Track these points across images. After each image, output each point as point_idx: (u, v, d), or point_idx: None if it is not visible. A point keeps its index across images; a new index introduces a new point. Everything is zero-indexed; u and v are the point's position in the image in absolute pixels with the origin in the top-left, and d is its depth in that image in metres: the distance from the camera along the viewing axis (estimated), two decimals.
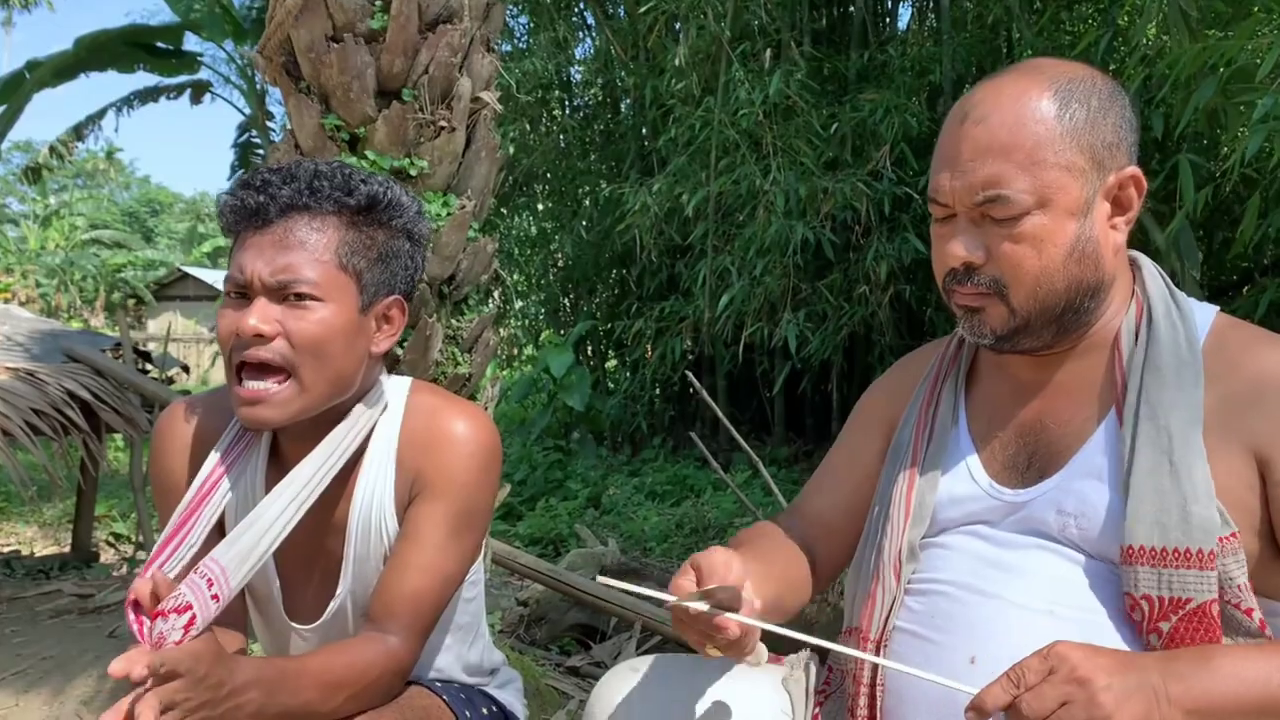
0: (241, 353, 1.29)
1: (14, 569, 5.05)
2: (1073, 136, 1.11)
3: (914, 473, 1.28)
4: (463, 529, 1.39)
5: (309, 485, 1.35)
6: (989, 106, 1.14)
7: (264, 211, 1.31)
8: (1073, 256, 1.13)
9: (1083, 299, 1.16)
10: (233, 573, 1.28)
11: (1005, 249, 1.13)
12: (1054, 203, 1.11)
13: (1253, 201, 3.54)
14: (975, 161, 1.13)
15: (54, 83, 10.92)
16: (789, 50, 6.21)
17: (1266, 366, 1.12)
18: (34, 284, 24.75)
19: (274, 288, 1.29)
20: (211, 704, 1.11)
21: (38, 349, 4.82)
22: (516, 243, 9.43)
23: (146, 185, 47.95)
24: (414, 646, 1.37)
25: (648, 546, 5.41)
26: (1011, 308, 1.16)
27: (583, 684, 3.13)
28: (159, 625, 1.14)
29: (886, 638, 1.22)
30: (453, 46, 2.32)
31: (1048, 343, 1.19)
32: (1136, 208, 1.16)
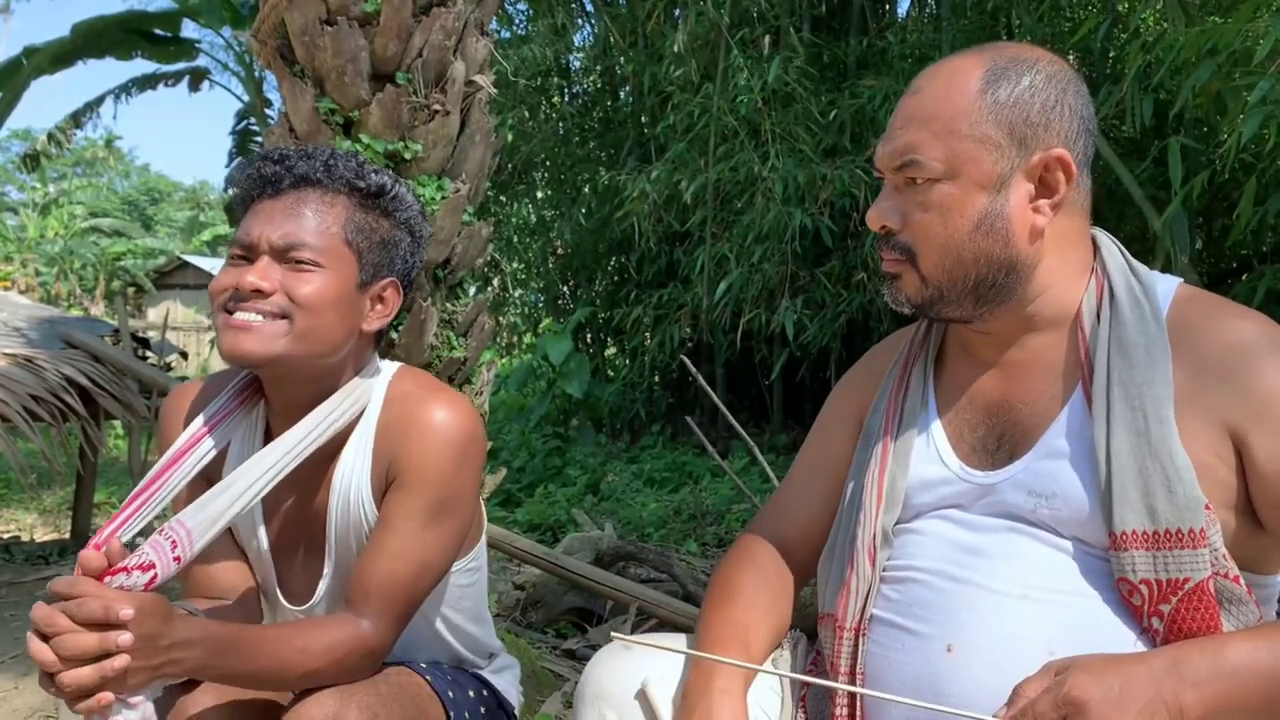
0: (238, 306, 1.32)
1: (13, 554, 5.06)
2: (992, 111, 1.13)
3: (885, 458, 1.28)
4: (438, 517, 1.40)
5: (287, 456, 1.36)
6: (926, 80, 1.19)
7: (278, 180, 1.37)
8: (980, 229, 1.14)
9: (994, 273, 1.16)
10: (198, 536, 1.29)
11: (916, 216, 1.17)
12: (964, 174, 1.14)
13: (1249, 186, 3.54)
14: (900, 129, 1.18)
15: (52, 70, 10.88)
16: (788, 37, 6.19)
17: (1234, 338, 1.12)
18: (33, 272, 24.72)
19: (280, 249, 1.33)
20: (144, 653, 1.13)
21: (36, 335, 4.82)
22: (515, 230, 9.42)
23: (146, 173, 47.86)
24: (386, 630, 1.37)
25: (645, 533, 5.42)
26: (922, 275, 1.19)
27: (579, 667, 3.15)
28: (119, 579, 1.17)
29: (865, 626, 1.22)
30: (446, 29, 2.32)
31: (970, 313, 1.20)
32: (1064, 191, 1.15)
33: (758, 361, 7.53)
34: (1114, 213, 6.02)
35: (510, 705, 1.63)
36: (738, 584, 1.36)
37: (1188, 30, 3.52)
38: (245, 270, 1.33)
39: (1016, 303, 1.19)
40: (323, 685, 1.30)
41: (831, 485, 1.39)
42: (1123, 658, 1.01)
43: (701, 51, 6.32)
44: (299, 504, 1.46)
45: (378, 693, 1.34)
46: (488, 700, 1.57)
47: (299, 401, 1.41)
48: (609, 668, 1.30)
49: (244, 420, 1.46)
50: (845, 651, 1.23)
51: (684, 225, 6.76)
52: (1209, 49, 3.43)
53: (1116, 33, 5.38)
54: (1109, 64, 5.98)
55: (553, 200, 9.37)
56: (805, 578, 1.40)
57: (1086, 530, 1.12)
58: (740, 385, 8.20)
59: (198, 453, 1.38)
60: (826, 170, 5.68)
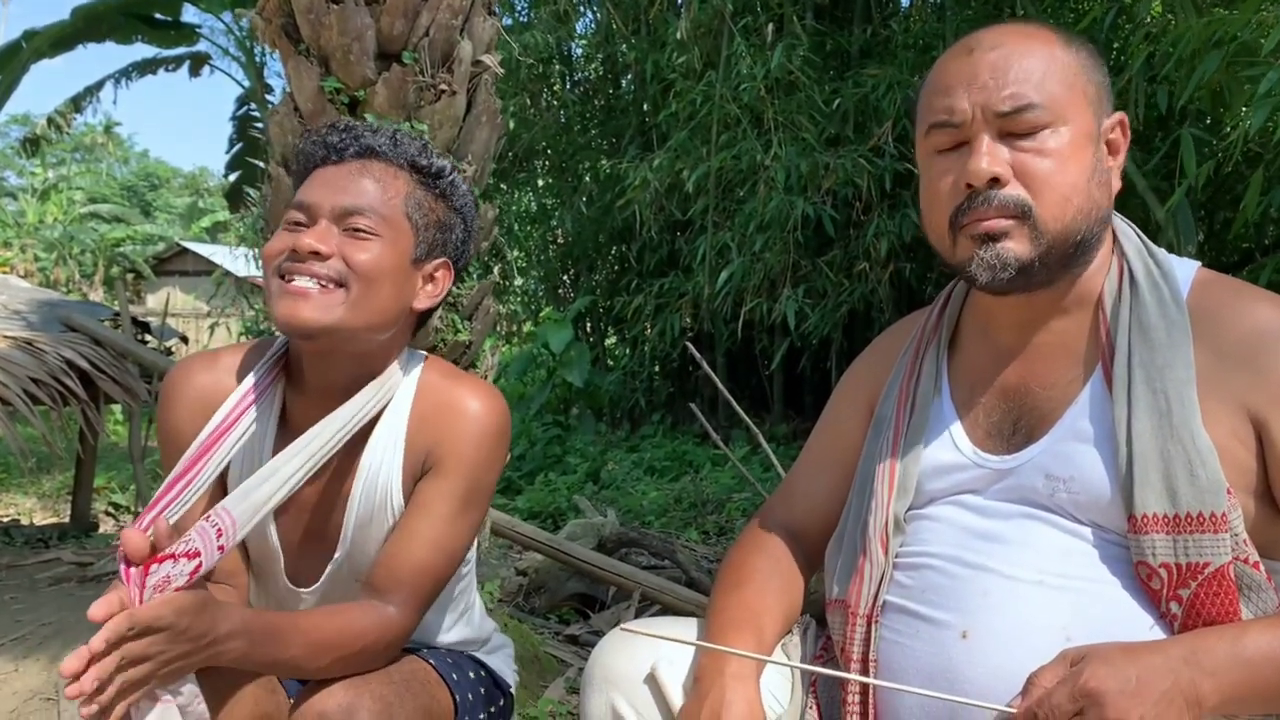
0: (294, 267, 1.31)
1: (13, 537, 5.06)
2: (1083, 70, 1.15)
3: (897, 444, 1.27)
4: (469, 505, 1.41)
5: (327, 445, 1.36)
6: (1000, 38, 1.16)
7: (343, 148, 1.37)
8: (1094, 179, 1.13)
9: (1097, 229, 1.15)
10: (241, 525, 1.29)
11: (1032, 164, 1.12)
12: (1074, 123, 1.13)
13: (1255, 177, 3.53)
14: (997, 78, 1.13)
15: (51, 54, 10.83)
16: (791, 25, 6.16)
17: (1256, 323, 1.11)
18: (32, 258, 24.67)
19: (340, 214, 1.33)
20: (190, 653, 1.14)
21: (36, 318, 4.81)
22: (516, 219, 9.40)
23: (145, 159, 47.72)
24: (412, 617, 1.37)
25: (646, 520, 5.42)
26: (1038, 229, 1.11)
27: (582, 653, 3.15)
28: (165, 568, 1.15)
29: (877, 613, 1.22)
30: (453, 8, 2.30)
31: (1055, 279, 1.16)
32: (1123, 153, 1.18)
33: (758, 351, 7.54)
34: (1116, 203, 6.00)
35: (506, 684, 1.63)
36: (750, 568, 1.36)
37: (1195, 21, 3.50)
38: (303, 233, 1.31)
39: (1073, 275, 1.18)
40: (347, 673, 1.30)
41: (842, 471, 1.38)
42: (1139, 647, 1.00)
43: (704, 39, 6.29)
44: (314, 488, 1.44)
45: (390, 682, 1.34)
46: (485, 681, 1.57)
47: (336, 383, 1.39)
48: (617, 652, 1.29)
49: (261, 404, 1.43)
50: (858, 638, 1.22)
51: (685, 214, 6.75)
52: (1214, 41, 3.41)
53: (1120, 24, 5.36)
54: (1113, 55, 5.96)
55: (554, 188, 9.36)
56: (816, 563, 1.39)
57: (1105, 514, 1.11)
58: (741, 375, 8.20)
59: (235, 433, 1.36)
60: (829, 159, 5.66)
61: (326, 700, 1.26)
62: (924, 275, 6.36)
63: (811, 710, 1.27)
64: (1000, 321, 1.25)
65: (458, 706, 1.46)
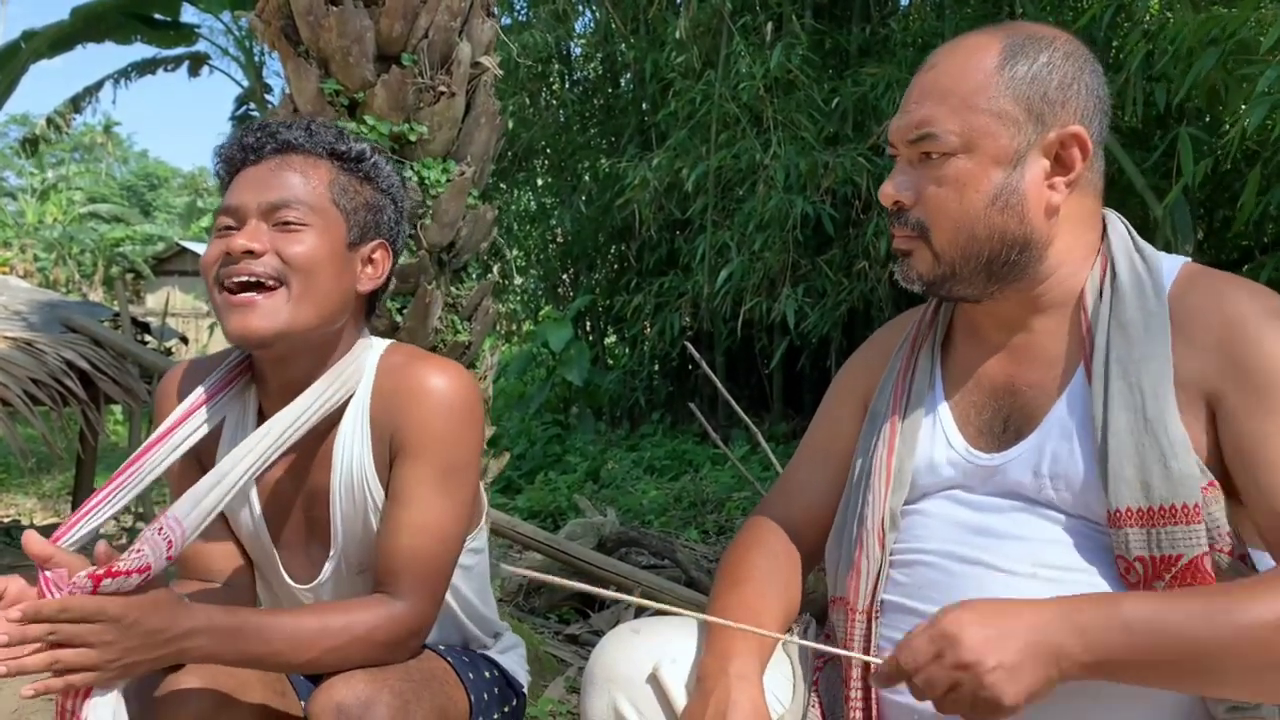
0: (231, 271, 1.30)
1: (14, 538, 5.06)
2: (1010, 86, 1.13)
3: (893, 439, 1.28)
4: (449, 484, 1.38)
5: (280, 438, 1.35)
6: (943, 55, 1.19)
7: (260, 148, 1.36)
8: (995, 205, 1.13)
9: (1008, 250, 1.15)
10: (190, 531, 1.29)
11: (930, 191, 1.16)
12: (980, 148, 1.13)
13: (1253, 175, 3.53)
14: (916, 103, 1.17)
15: (50, 54, 10.83)
16: (790, 24, 6.16)
17: (1228, 309, 1.11)
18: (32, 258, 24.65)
19: (267, 210, 1.32)
20: (142, 648, 1.13)
21: (36, 319, 4.81)
22: (516, 218, 9.41)
23: (144, 159, 47.71)
24: (424, 608, 1.36)
25: (646, 520, 5.43)
26: (935, 251, 1.17)
27: (582, 652, 3.16)
28: (116, 582, 1.14)
29: (876, 608, 1.22)
30: (452, 10, 2.31)
31: (981, 292, 1.19)
32: (1079, 169, 1.14)
33: (758, 350, 7.54)
34: (1115, 201, 5.97)
35: (519, 683, 1.63)
36: (749, 566, 1.36)
37: (1192, 18, 3.51)
38: (234, 235, 1.31)
39: (1028, 282, 1.18)
40: (353, 665, 1.29)
41: (838, 465, 1.38)
42: (1014, 602, 1.02)
43: (703, 38, 6.30)
44: (296, 483, 1.45)
45: (410, 678, 1.33)
46: (498, 680, 1.57)
47: (295, 379, 1.39)
48: (619, 650, 1.29)
49: (236, 402, 1.44)
50: (858, 634, 1.22)
51: (685, 213, 6.75)
52: (1211, 38, 3.42)
53: (1119, 20, 5.36)
54: (1111, 53, 5.96)
55: (553, 188, 9.36)
56: (814, 559, 1.39)
57: (1090, 508, 1.12)
58: (740, 374, 8.20)
59: (183, 432, 1.37)
60: (828, 158, 5.67)
61: (345, 692, 1.25)
62: None
63: (814, 709, 1.27)
64: (984, 321, 1.26)
65: (473, 706, 1.46)
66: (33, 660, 1.08)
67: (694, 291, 6.75)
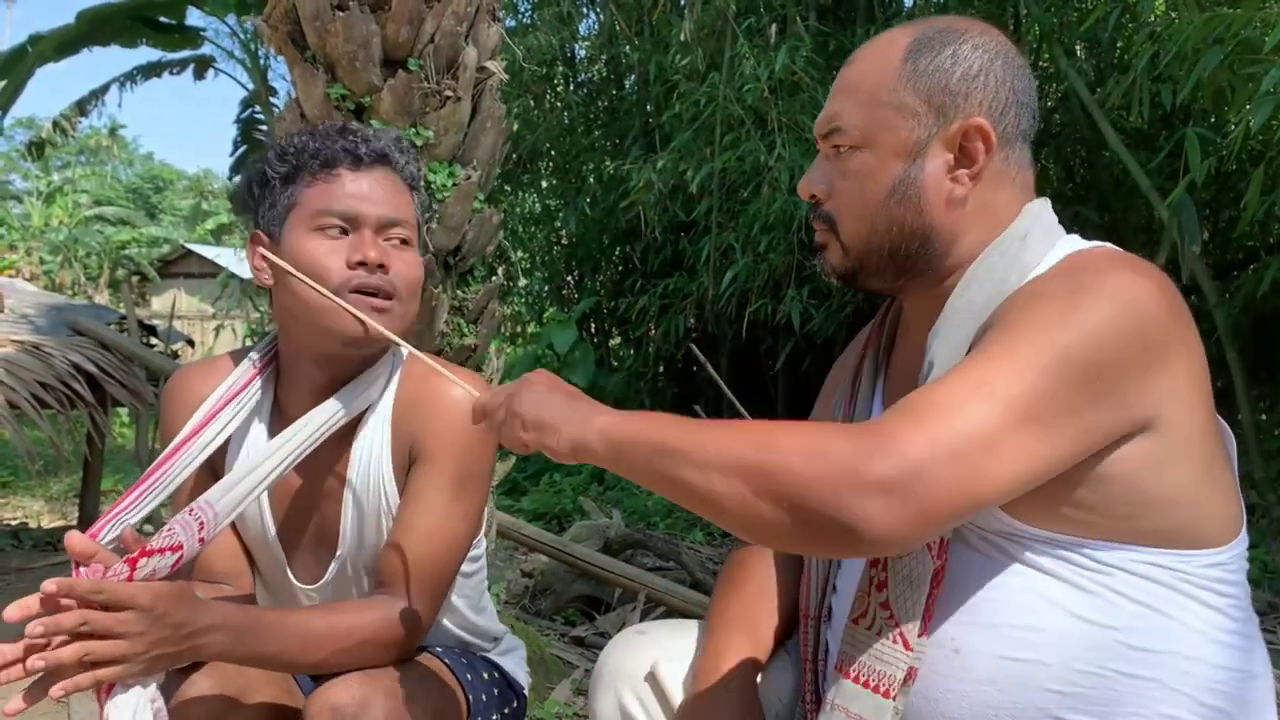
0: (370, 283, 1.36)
1: (22, 540, 5.09)
2: (910, 79, 1.13)
3: None
4: (463, 491, 1.42)
5: (311, 437, 1.38)
6: (860, 50, 1.20)
7: (357, 149, 1.39)
8: (893, 197, 1.13)
9: (908, 243, 1.14)
10: (223, 517, 1.31)
11: (837, 184, 1.18)
12: (880, 141, 1.13)
13: (1256, 175, 3.53)
14: (831, 99, 1.19)
15: (56, 57, 10.85)
16: (795, 25, 6.16)
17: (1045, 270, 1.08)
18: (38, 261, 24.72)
19: (382, 225, 1.38)
20: (168, 641, 1.15)
21: (43, 322, 4.83)
22: (520, 220, 9.42)
23: (150, 162, 47.80)
24: (425, 610, 1.38)
25: (651, 522, 5.43)
26: (843, 245, 1.18)
27: (587, 654, 3.16)
28: (152, 562, 1.17)
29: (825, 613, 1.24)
30: (458, 15, 2.32)
31: (892, 285, 1.20)
32: (982, 161, 1.12)
33: (763, 352, 7.53)
34: (1121, 203, 6.00)
35: (519, 685, 1.64)
36: (749, 568, 1.37)
37: (1196, 18, 3.51)
38: (367, 245, 1.36)
39: (935, 276, 1.17)
40: (353, 667, 1.31)
41: None
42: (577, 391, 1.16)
43: (708, 40, 6.30)
44: (310, 484, 1.47)
45: (405, 679, 1.35)
46: (498, 681, 1.58)
47: (337, 379, 1.42)
48: (626, 651, 1.31)
49: (251, 404, 1.46)
50: (810, 639, 1.24)
51: (689, 215, 6.75)
52: (1215, 38, 3.42)
53: (1124, 21, 5.36)
54: (1116, 54, 5.96)
55: (558, 190, 9.36)
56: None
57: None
58: (745, 376, 8.19)
59: (202, 439, 1.39)
60: None
61: (341, 693, 1.27)
62: None
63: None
64: (911, 318, 1.26)
65: (470, 707, 1.47)
66: (67, 652, 1.08)
67: (699, 293, 6.75)
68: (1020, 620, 1.02)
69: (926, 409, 0.95)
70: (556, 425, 1.09)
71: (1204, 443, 1.04)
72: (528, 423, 1.11)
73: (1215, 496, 1.05)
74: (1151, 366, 0.98)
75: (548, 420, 1.10)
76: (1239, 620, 1.06)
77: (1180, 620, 1.02)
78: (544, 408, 1.11)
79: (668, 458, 1.01)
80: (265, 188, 1.41)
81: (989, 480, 0.93)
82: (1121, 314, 0.98)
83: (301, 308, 1.37)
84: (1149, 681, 1.00)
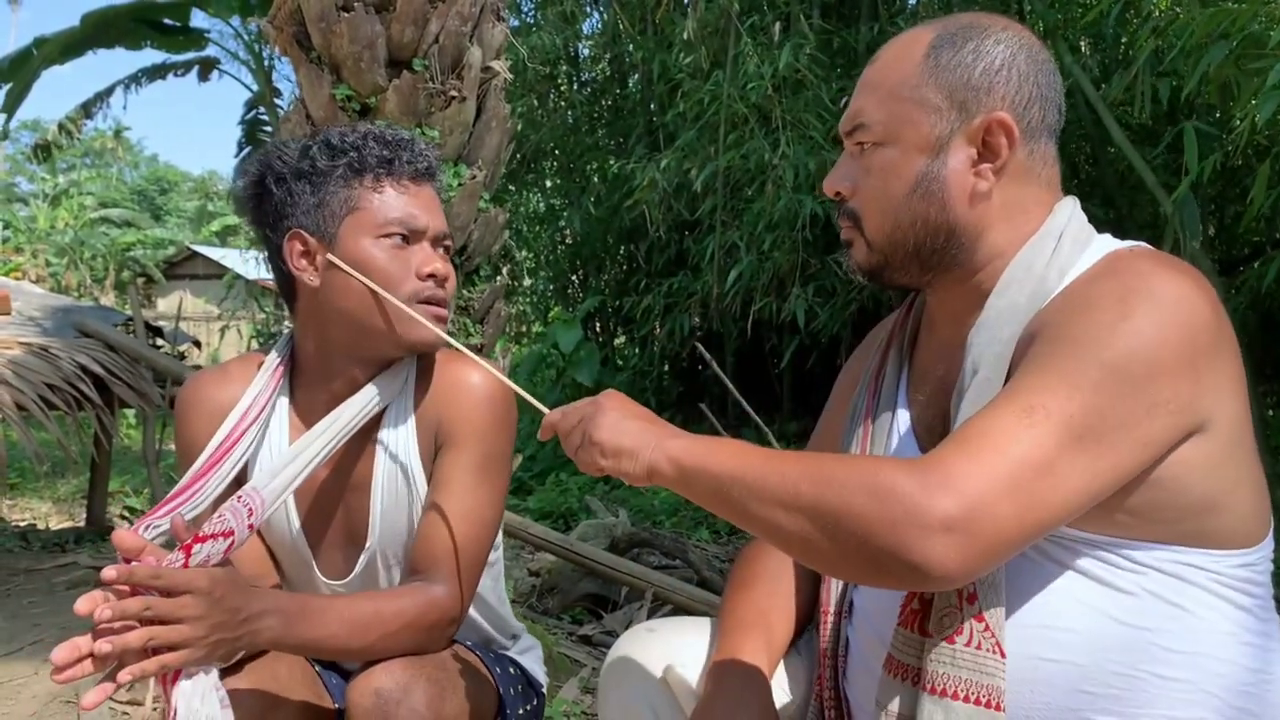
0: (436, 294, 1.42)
1: (30, 542, 5.10)
2: (932, 75, 1.13)
3: (865, 441, 1.26)
4: (488, 473, 1.45)
5: (348, 425, 1.40)
6: (884, 48, 1.20)
7: (418, 163, 1.44)
8: (916, 193, 1.13)
9: (932, 238, 1.14)
10: (270, 503, 1.32)
11: (861, 181, 1.17)
12: (903, 137, 1.13)
13: (1262, 170, 3.52)
14: (855, 96, 1.19)
15: (61, 60, 10.88)
16: (798, 23, 6.16)
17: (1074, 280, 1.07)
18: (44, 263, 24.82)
19: (440, 238, 1.45)
20: (227, 625, 1.16)
21: (50, 324, 4.85)
22: (525, 220, 9.43)
23: (155, 164, 47.96)
24: (461, 592, 1.40)
25: (657, 520, 5.44)
26: (867, 240, 1.18)
27: (595, 653, 3.17)
28: (206, 548, 1.18)
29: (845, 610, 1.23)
30: (463, 15, 2.32)
31: (919, 280, 1.19)
32: (1005, 156, 1.11)
33: (768, 350, 7.54)
34: (1126, 199, 6.00)
35: (539, 683, 1.65)
36: (760, 566, 1.36)
37: (1200, 13, 3.50)
38: (433, 256, 1.43)
39: (962, 271, 1.16)
40: (397, 653, 1.32)
41: None
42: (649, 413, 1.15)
43: (711, 38, 6.30)
44: (334, 480, 1.48)
45: (445, 667, 1.36)
46: (520, 679, 1.59)
47: (360, 378, 1.45)
48: (635, 649, 1.30)
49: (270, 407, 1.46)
50: (829, 634, 1.24)
51: (694, 213, 6.75)
52: (1220, 32, 3.41)
53: (1128, 16, 5.35)
54: (1120, 49, 5.95)
55: (562, 189, 9.36)
56: None
57: None
58: (750, 374, 8.19)
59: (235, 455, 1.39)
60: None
61: (384, 678, 1.28)
62: None
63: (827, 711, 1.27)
64: (937, 314, 1.25)
65: (502, 700, 1.48)
66: (133, 636, 1.10)
67: (703, 292, 6.75)
68: (1055, 621, 1.02)
69: (980, 440, 0.94)
70: (635, 451, 1.09)
71: (1244, 440, 1.04)
72: (607, 450, 1.11)
73: (1250, 496, 1.05)
74: (1203, 370, 0.98)
75: (626, 447, 1.09)
76: (1265, 621, 1.05)
77: (1210, 621, 1.01)
78: (622, 434, 1.10)
79: (733, 489, 1.01)
80: (308, 181, 1.40)
81: (1050, 507, 0.93)
82: (1171, 321, 0.97)
83: (364, 310, 1.39)
84: (1180, 683, 1.00)
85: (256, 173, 1.44)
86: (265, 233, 1.45)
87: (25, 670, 3.08)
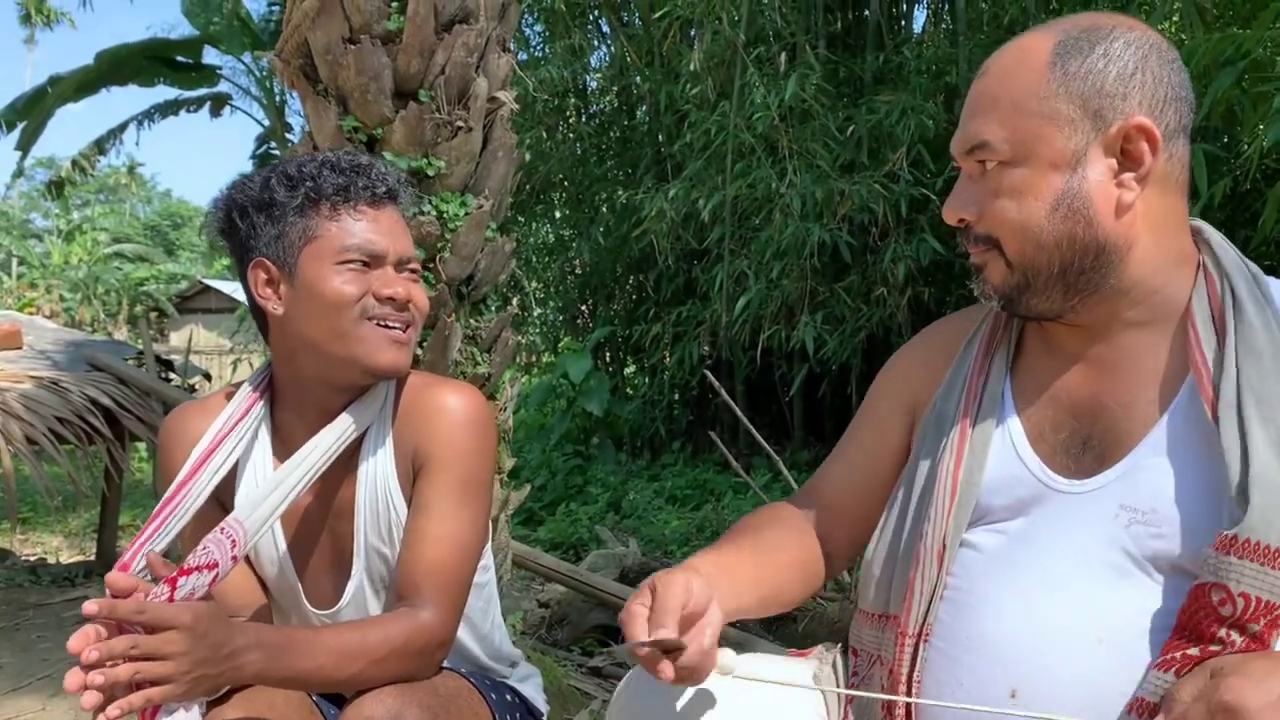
0: (396, 316, 1.41)
1: (40, 576, 5.09)
2: (1062, 85, 1.06)
3: (961, 449, 1.18)
4: (467, 497, 1.43)
5: (328, 451, 1.40)
6: (994, 60, 1.13)
7: (375, 187, 1.43)
8: (1058, 211, 1.06)
9: (1081, 258, 1.07)
10: (252, 534, 1.32)
11: (989, 203, 1.10)
12: (1035, 154, 1.06)
13: (1273, 193, 3.51)
14: (970, 115, 1.12)
15: (76, 98, 11.04)
16: (804, 54, 6.20)
17: None
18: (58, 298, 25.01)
19: (402, 261, 1.44)
20: (210, 661, 1.15)
21: (62, 358, 4.87)
22: (534, 250, 9.47)
23: (167, 199, 48.36)
24: (447, 617, 1.38)
25: (668, 550, 5.40)
26: (1008, 261, 1.11)
27: (605, 684, 3.14)
28: (191, 581, 1.19)
29: (927, 633, 1.14)
30: (469, 46, 2.34)
31: (1061, 305, 1.11)
32: (1149, 163, 1.05)
33: (778, 378, 7.52)
34: None
35: (539, 711, 1.63)
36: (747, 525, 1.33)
37: (1206, 38, 3.51)
38: (392, 279, 1.41)
39: (1112, 291, 1.10)
40: (386, 680, 1.31)
41: (876, 467, 1.31)
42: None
43: (717, 69, 6.34)
44: (318, 506, 1.48)
45: (437, 694, 1.35)
46: (518, 706, 1.57)
47: (337, 404, 1.44)
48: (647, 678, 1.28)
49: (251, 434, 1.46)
50: (906, 658, 1.14)
51: (702, 243, 6.77)
52: (1226, 58, 3.41)
53: None
54: None
55: (571, 220, 9.41)
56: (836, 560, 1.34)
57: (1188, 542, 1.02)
58: (760, 402, 8.18)
59: (211, 466, 1.39)
60: (844, 185, 5.68)
61: (375, 706, 1.27)
62: (942, 299, 6.35)
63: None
64: (1059, 329, 1.18)
65: None
66: (121, 671, 1.10)
67: (712, 320, 6.75)
68: None
69: None
70: None
71: None
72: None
73: None
74: None
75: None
76: None
77: None
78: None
79: None
80: (267, 213, 1.41)
81: None
82: None
83: (326, 337, 1.38)
84: None
85: (223, 206, 1.46)
86: (236, 263, 1.47)
87: (34, 705, 3.07)
